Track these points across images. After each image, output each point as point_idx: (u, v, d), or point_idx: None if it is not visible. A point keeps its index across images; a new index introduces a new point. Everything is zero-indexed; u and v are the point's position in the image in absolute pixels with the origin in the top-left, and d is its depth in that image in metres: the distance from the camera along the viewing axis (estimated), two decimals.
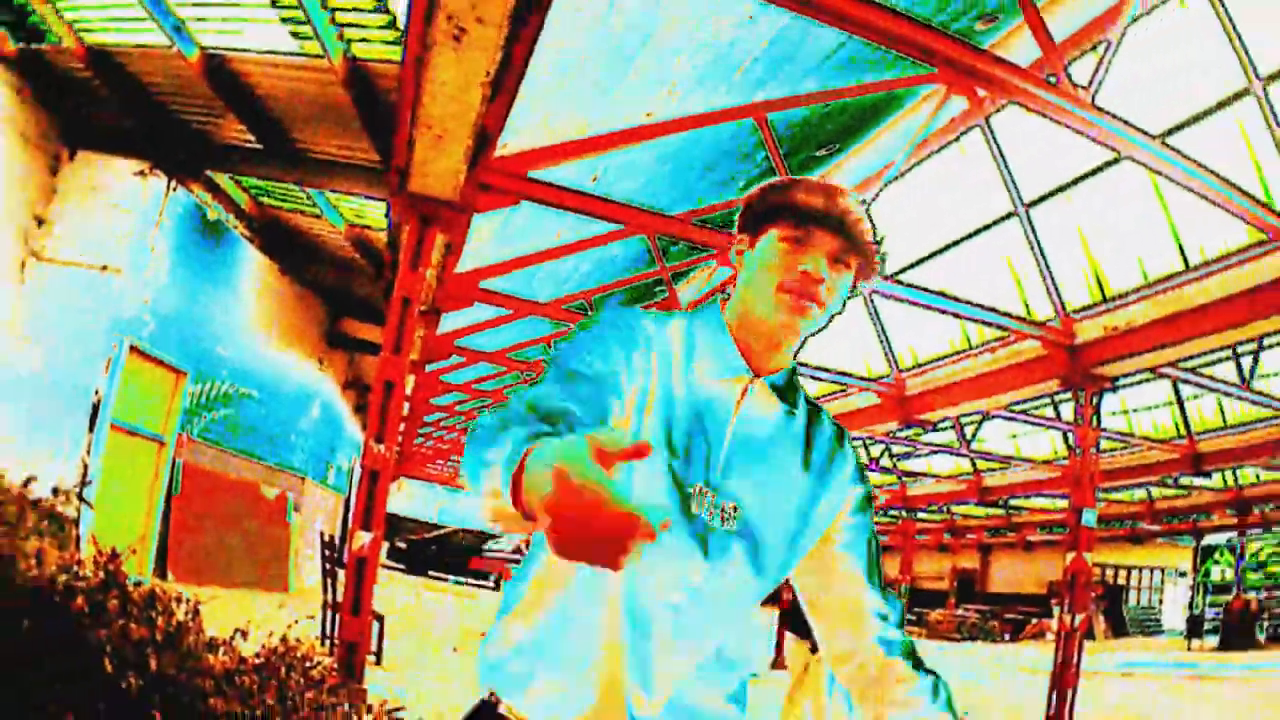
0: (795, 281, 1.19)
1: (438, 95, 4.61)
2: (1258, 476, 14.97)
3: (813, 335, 1.26)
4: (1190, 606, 21.91)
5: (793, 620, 5.65)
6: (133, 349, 8.39)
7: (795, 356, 1.33)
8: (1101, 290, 8.62)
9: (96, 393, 7.94)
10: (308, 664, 3.97)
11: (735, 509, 1.21)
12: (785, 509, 1.25)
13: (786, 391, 1.28)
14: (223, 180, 9.48)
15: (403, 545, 25.86)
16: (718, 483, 1.20)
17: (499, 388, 15.04)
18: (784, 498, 1.25)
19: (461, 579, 24.23)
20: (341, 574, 7.10)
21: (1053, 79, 5.11)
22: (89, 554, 6.90)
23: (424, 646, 9.68)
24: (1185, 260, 7.86)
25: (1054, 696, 7.15)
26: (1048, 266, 8.55)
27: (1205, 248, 7.69)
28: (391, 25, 6.19)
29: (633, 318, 1.24)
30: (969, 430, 13.50)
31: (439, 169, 5.51)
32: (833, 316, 1.26)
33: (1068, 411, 12.02)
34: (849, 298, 1.28)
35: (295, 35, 6.57)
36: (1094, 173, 8.14)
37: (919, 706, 1.27)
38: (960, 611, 24.67)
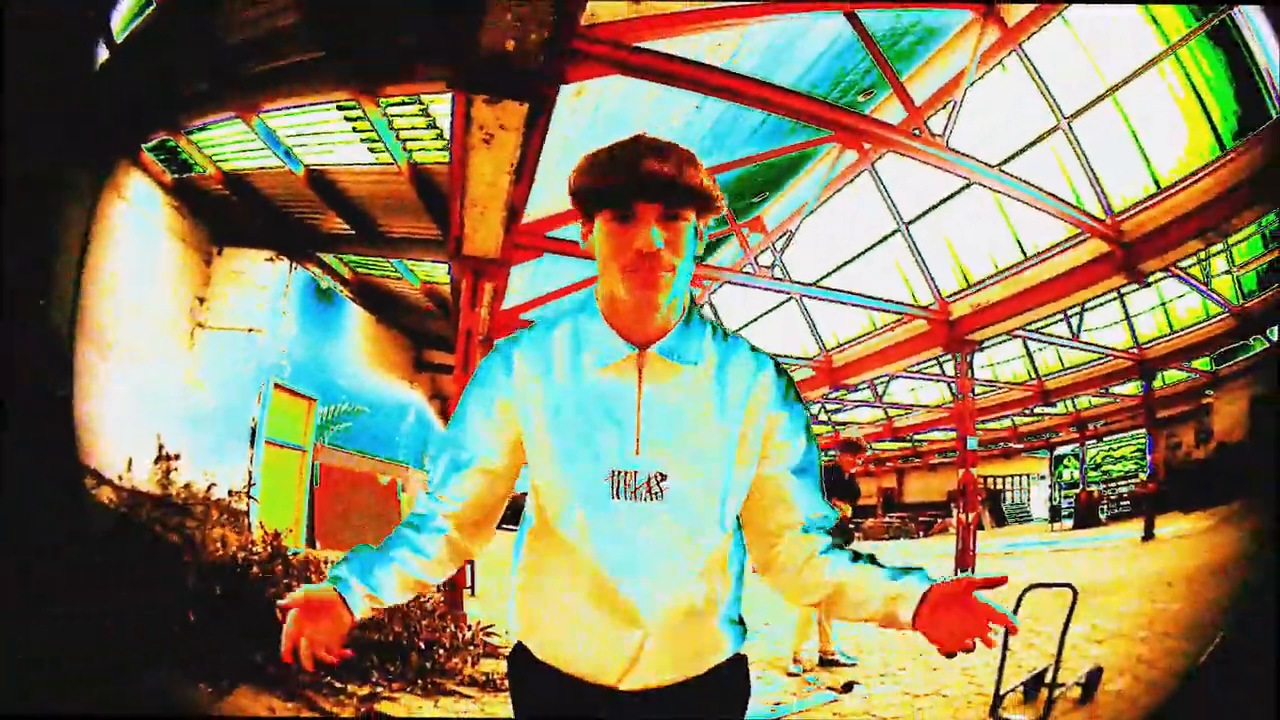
0: (631, 261, 0.92)
1: (477, 183, 4.61)
2: (1090, 402, 14.95)
3: (683, 285, 0.96)
4: (1050, 500, 21.93)
5: None
6: (276, 386, 8.38)
7: (687, 308, 1.01)
8: (966, 279, 8.60)
9: (253, 420, 7.94)
10: (422, 598, 3.95)
11: (661, 477, 0.95)
12: (710, 458, 0.96)
13: (681, 347, 0.98)
14: (329, 259, 9.47)
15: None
16: (637, 463, 0.94)
17: None
18: (707, 447, 0.96)
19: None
20: None
21: (917, 131, 5.10)
22: (259, 535, 6.90)
23: (504, 581, 9.65)
24: (1023, 252, 7.85)
25: (958, 572, 7.13)
26: (925, 266, 8.53)
27: (1037, 242, 7.68)
28: (440, 136, 6.18)
29: (490, 366, 1.00)
30: (880, 388, 13.49)
31: (483, 236, 5.50)
32: (697, 260, 0.97)
33: (950, 369, 12.00)
34: (709, 232, 1.00)
35: (371, 150, 6.56)
36: (953, 196, 8.12)
37: (839, 565, 0.98)
38: (886, 519, 24.73)
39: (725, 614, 1.00)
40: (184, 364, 7.73)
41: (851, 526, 4.45)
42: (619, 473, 0.96)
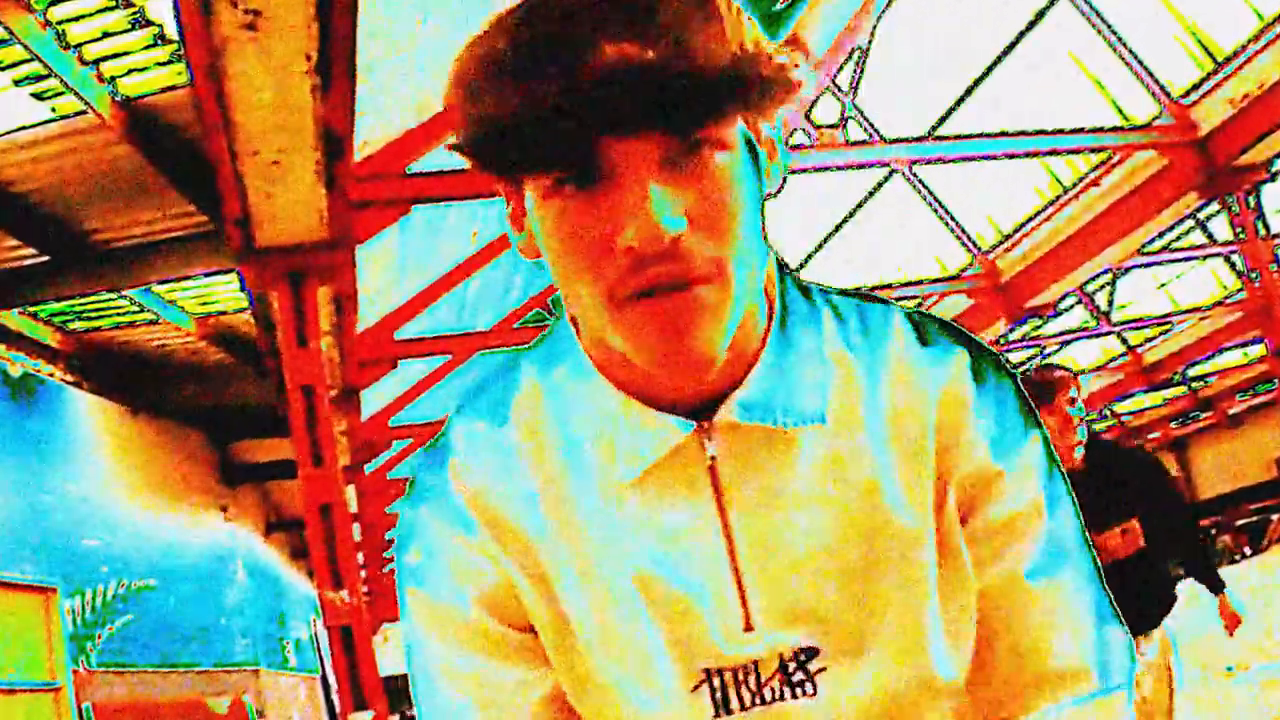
0: (620, 275, 0.77)
1: (253, 107, 4.60)
2: None
3: (751, 279, 0.83)
4: None
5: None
6: None
7: (773, 297, 0.94)
8: (1210, 55, 8.62)
9: None
10: None
11: (807, 655, 0.92)
12: (898, 585, 0.93)
13: (783, 388, 0.90)
14: (12, 320, 9.48)
15: (414, 713, 25.85)
16: (753, 646, 0.92)
17: None
18: (885, 568, 0.92)
19: None
20: None
21: None
22: None
23: None
24: None
25: None
26: (1128, 47, 8.55)
27: None
28: (161, 39, 6.18)
29: (427, 536, 0.95)
30: (1101, 299, 13.50)
31: (288, 202, 5.49)
32: (766, 203, 0.84)
33: (1222, 229, 12.02)
34: (782, 167, 0.88)
35: (39, 96, 6.56)
36: None
37: None
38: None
39: None
40: None
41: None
42: (722, 673, 0.92)
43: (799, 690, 0.92)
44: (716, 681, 0.93)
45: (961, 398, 0.93)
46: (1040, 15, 9.05)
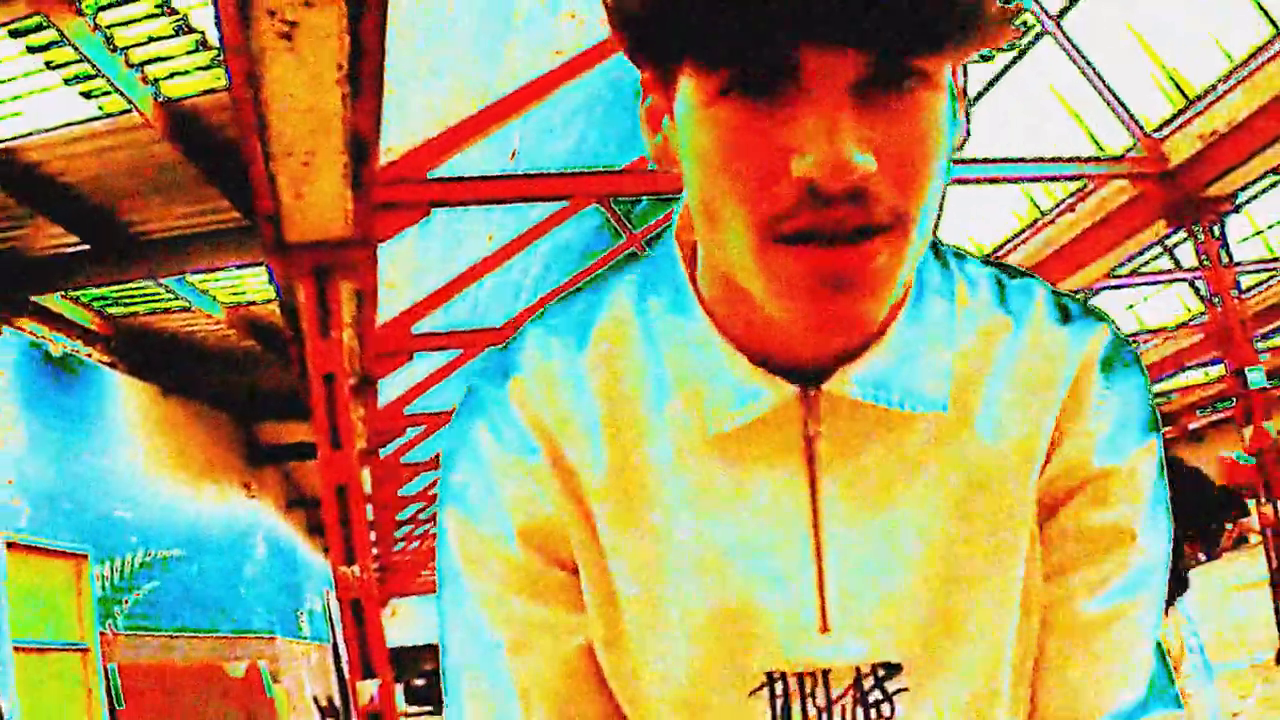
0: (792, 213, 0.61)
1: (287, 112, 4.61)
2: None
3: (923, 245, 0.67)
4: None
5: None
6: (11, 546, 8.38)
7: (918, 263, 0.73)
8: (1182, 93, 8.62)
9: None
10: None
11: (887, 672, 0.78)
12: (1003, 601, 0.78)
13: (906, 367, 0.74)
14: (55, 303, 9.48)
15: (420, 682, 25.84)
16: (826, 650, 0.77)
17: None
18: (991, 584, 0.78)
19: None
20: None
21: None
22: None
23: None
24: (1274, 23, 7.87)
25: (1278, 608, 7.16)
26: (1106, 84, 8.54)
27: None
28: (203, 45, 6.19)
29: (477, 452, 0.79)
30: None
31: (317, 202, 5.50)
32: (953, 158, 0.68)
33: (1188, 256, 12.01)
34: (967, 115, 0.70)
35: (87, 95, 6.57)
36: None
37: None
38: None
39: None
40: None
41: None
42: (787, 679, 0.77)
43: (873, 712, 0.77)
44: (779, 687, 0.77)
45: (1091, 377, 0.77)
46: (1024, 51, 9.05)
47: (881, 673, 0.77)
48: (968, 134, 0.70)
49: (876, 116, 0.60)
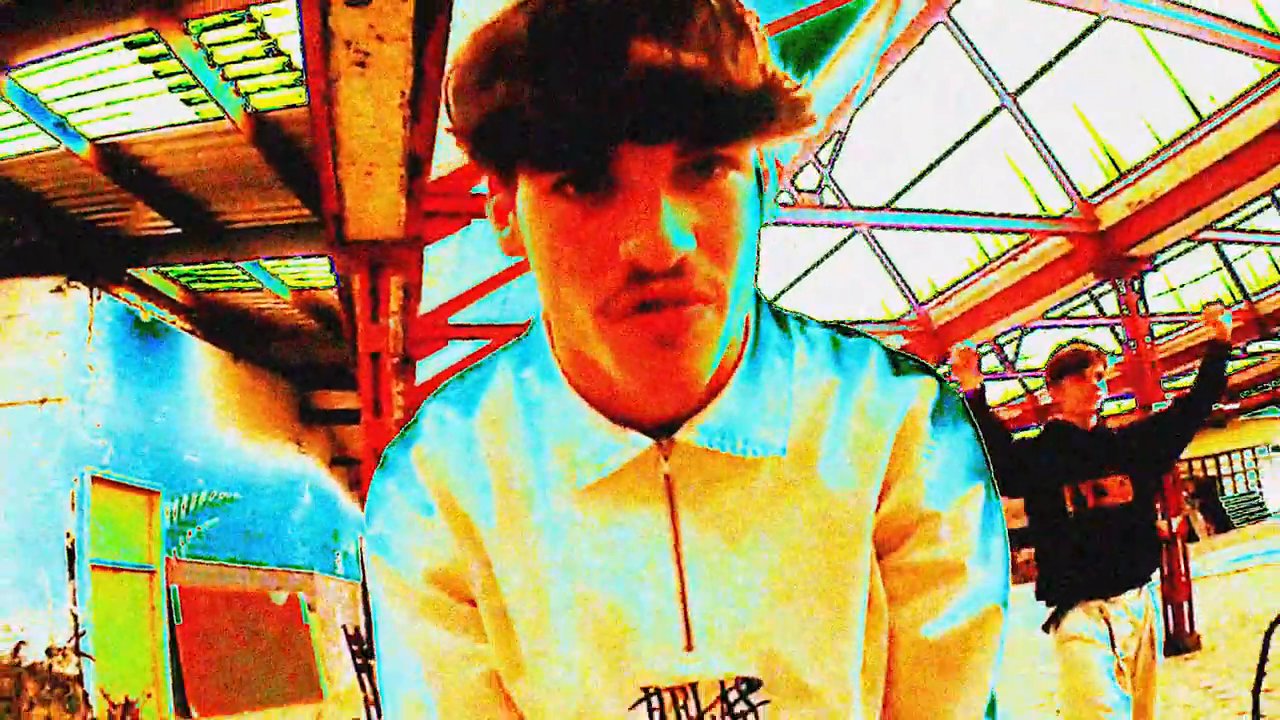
0: (617, 286, 0.61)
1: (355, 129, 4.62)
2: None
3: (742, 310, 0.67)
4: None
5: None
6: (95, 480, 8.39)
7: (750, 323, 0.77)
8: (1115, 166, 8.63)
9: (68, 535, 7.94)
10: None
11: (748, 686, 0.76)
12: (842, 626, 0.76)
13: (745, 416, 0.73)
14: (148, 276, 9.49)
15: None
16: (692, 666, 0.76)
17: None
18: (831, 607, 0.76)
19: None
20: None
21: None
22: (101, 710, 6.93)
23: None
24: (1197, 112, 7.87)
25: (1168, 611, 7.16)
26: (1051, 154, 8.56)
27: (1214, 94, 7.70)
28: (288, 67, 6.20)
29: (390, 516, 0.79)
30: (1010, 350, 13.51)
31: (375, 207, 5.51)
32: (755, 254, 0.66)
33: (1111, 304, 12.03)
34: (775, 198, 0.71)
35: (188, 102, 6.58)
36: (1077, 42, 8.14)
37: None
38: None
39: None
40: None
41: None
42: (660, 694, 0.76)
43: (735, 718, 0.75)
44: (655, 701, 0.76)
45: (918, 427, 0.76)
46: (984, 121, 9.06)
47: (744, 687, 0.75)
48: (773, 213, 0.70)
49: (691, 200, 0.60)
